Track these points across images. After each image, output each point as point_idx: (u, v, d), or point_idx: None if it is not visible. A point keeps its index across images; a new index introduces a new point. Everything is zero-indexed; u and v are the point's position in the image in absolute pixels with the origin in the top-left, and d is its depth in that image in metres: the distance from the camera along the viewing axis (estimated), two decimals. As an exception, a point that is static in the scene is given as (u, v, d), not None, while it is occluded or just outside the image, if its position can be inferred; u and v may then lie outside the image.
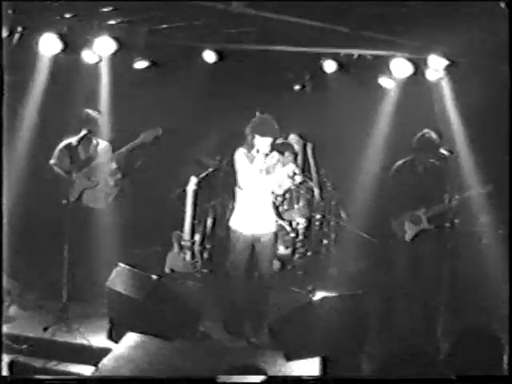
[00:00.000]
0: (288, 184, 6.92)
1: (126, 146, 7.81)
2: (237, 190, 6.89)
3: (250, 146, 6.66)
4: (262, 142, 6.60)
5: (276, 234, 7.05)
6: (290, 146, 8.42)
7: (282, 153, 7.14)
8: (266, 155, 6.65)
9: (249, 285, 6.99)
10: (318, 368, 5.51)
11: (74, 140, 7.22)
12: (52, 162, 7.66)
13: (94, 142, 7.73)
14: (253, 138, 6.62)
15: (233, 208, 7.09)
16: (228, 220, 7.09)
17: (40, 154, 7.78)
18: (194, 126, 9.24)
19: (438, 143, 7.13)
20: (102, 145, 7.78)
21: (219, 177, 8.74)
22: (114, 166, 7.81)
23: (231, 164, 6.97)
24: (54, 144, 7.72)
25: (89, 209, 7.70)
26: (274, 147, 6.70)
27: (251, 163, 6.65)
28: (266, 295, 6.94)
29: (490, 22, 5.75)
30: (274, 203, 7.10)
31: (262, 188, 6.74)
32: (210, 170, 8.76)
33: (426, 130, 7.25)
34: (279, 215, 8.26)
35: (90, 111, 7.66)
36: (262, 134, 6.58)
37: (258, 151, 6.62)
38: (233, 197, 8.08)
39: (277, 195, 7.12)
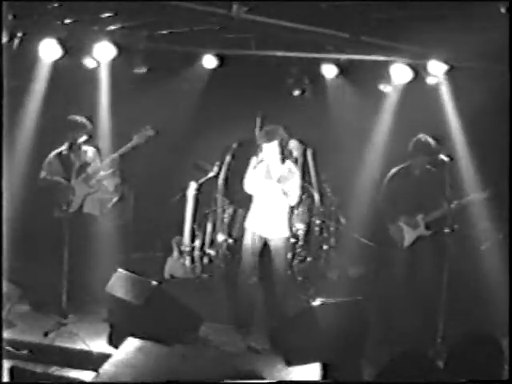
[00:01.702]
0: (297, 193, 6.96)
1: (119, 151, 7.62)
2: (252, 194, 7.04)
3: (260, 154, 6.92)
4: (269, 148, 6.84)
5: (288, 240, 7.13)
6: (289, 152, 8.45)
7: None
8: (282, 162, 6.90)
9: (253, 288, 7.02)
10: (318, 373, 5.51)
11: (63, 148, 7.26)
12: (42, 175, 7.53)
13: (84, 148, 7.59)
14: (261, 145, 6.89)
15: (233, 213, 7.12)
16: (228, 226, 7.11)
17: (40, 159, 7.75)
18: (193, 131, 9.24)
19: (434, 148, 7.10)
20: (90, 151, 7.65)
21: (219, 182, 8.73)
22: (108, 171, 7.66)
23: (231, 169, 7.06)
24: (53, 149, 7.68)
25: (88, 215, 7.66)
26: (283, 153, 6.95)
27: (260, 169, 6.88)
28: (282, 300, 7.04)
29: (490, 26, 5.76)
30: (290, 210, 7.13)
31: (273, 194, 6.89)
32: (210, 175, 8.75)
33: (421, 135, 7.22)
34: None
35: (77, 117, 7.49)
36: (267, 140, 6.83)
37: (265, 158, 6.87)
38: (232, 202, 8.11)
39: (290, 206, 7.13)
